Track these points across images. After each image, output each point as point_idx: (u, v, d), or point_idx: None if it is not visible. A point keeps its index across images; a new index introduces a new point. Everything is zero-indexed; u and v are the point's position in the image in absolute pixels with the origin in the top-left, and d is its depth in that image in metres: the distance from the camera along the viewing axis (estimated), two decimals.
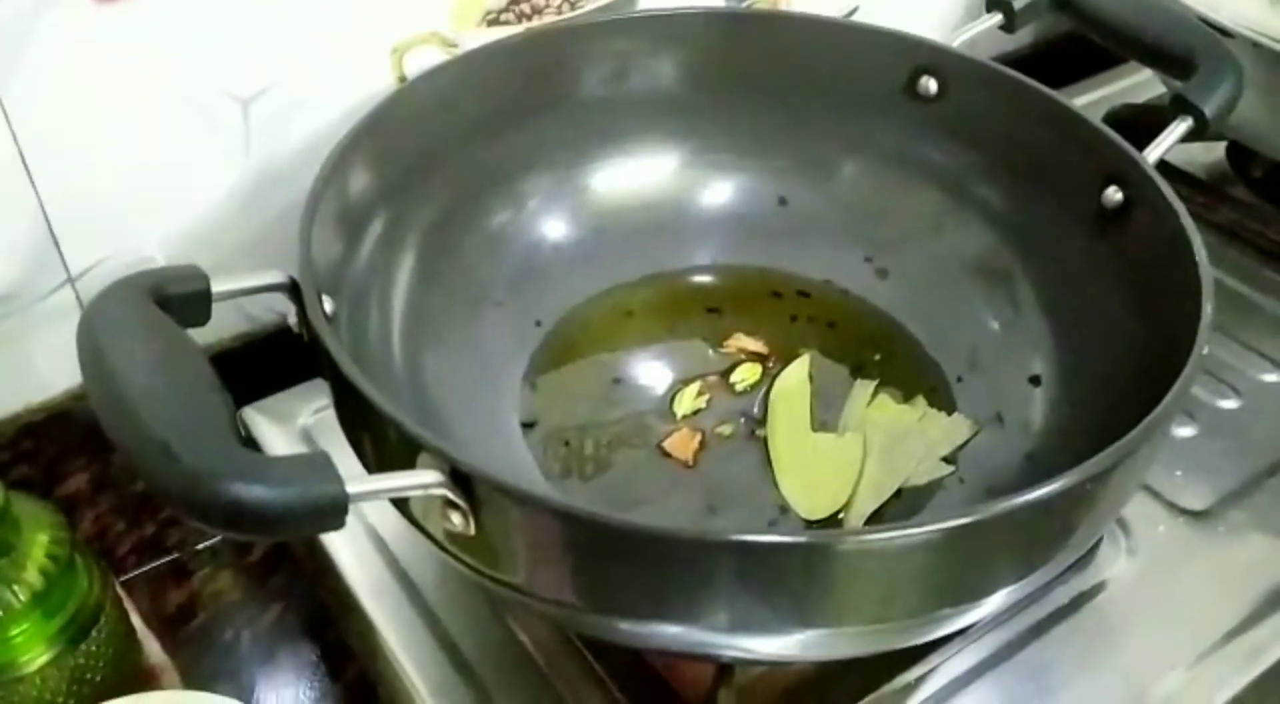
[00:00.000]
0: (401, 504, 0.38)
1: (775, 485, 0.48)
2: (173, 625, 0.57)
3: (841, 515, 0.47)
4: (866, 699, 0.44)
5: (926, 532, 0.33)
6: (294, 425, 0.55)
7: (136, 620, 0.52)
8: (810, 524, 0.47)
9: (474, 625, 0.47)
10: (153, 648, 0.52)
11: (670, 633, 0.36)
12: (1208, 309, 0.39)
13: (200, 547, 0.60)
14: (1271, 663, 0.46)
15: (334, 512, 0.31)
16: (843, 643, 0.37)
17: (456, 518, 0.34)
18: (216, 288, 0.38)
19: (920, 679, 0.45)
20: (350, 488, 0.31)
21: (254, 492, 0.30)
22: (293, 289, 0.40)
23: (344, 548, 0.51)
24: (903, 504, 0.47)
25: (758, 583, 0.33)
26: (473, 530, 0.34)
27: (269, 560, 0.60)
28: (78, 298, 0.53)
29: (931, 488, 0.48)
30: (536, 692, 0.45)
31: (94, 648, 0.46)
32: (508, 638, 0.47)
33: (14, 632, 0.44)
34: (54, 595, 0.45)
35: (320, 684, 0.53)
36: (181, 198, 0.53)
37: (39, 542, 0.45)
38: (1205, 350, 0.38)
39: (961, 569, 0.35)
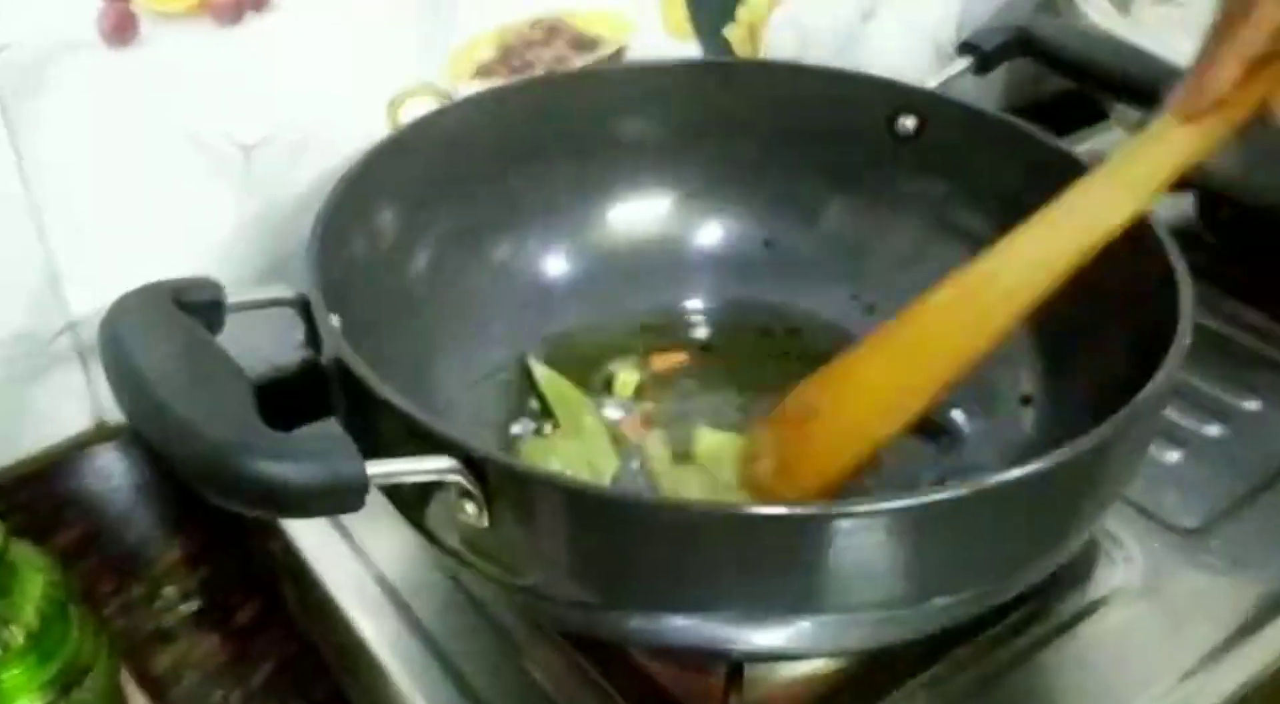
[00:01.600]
0: (414, 513, 0.39)
1: None
2: (161, 687, 0.56)
3: None
4: None
5: (915, 503, 0.34)
6: None
7: (127, 680, 0.51)
8: None
9: (487, 665, 0.47)
10: None
11: (682, 626, 0.37)
12: (1187, 300, 0.40)
13: (186, 607, 0.59)
14: (1265, 671, 0.47)
15: (354, 491, 0.32)
16: (842, 633, 0.38)
17: (470, 507, 0.34)
18: (231, 298, 0.39)
19: (923, 695, 0.45)
20: (370, 469, 0.32)
21: (280, 469, 0.31)
22: (302, 305, 0.41)
23: (352, 597, 0.50)
24: None
25: (767, 558, 0.34)
26: (486, 521, 0.35)
27: (257, 622, 0.59)
28: (77, 345, 0.54)
29: None
30: None
31: (86, 697, 0.45)
32: (519, 673, 0.46)
33: (6, 675, 0.43)
34: (48, 640, 0.44)
35: None
36: (185, 242, 0.54)
37: (36, 584, 0.44)
38: (1188, 341, 0.39)
39: (953, 551, 0.36)
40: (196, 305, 0.38)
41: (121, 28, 0.48)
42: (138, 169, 0.51)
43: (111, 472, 0.58)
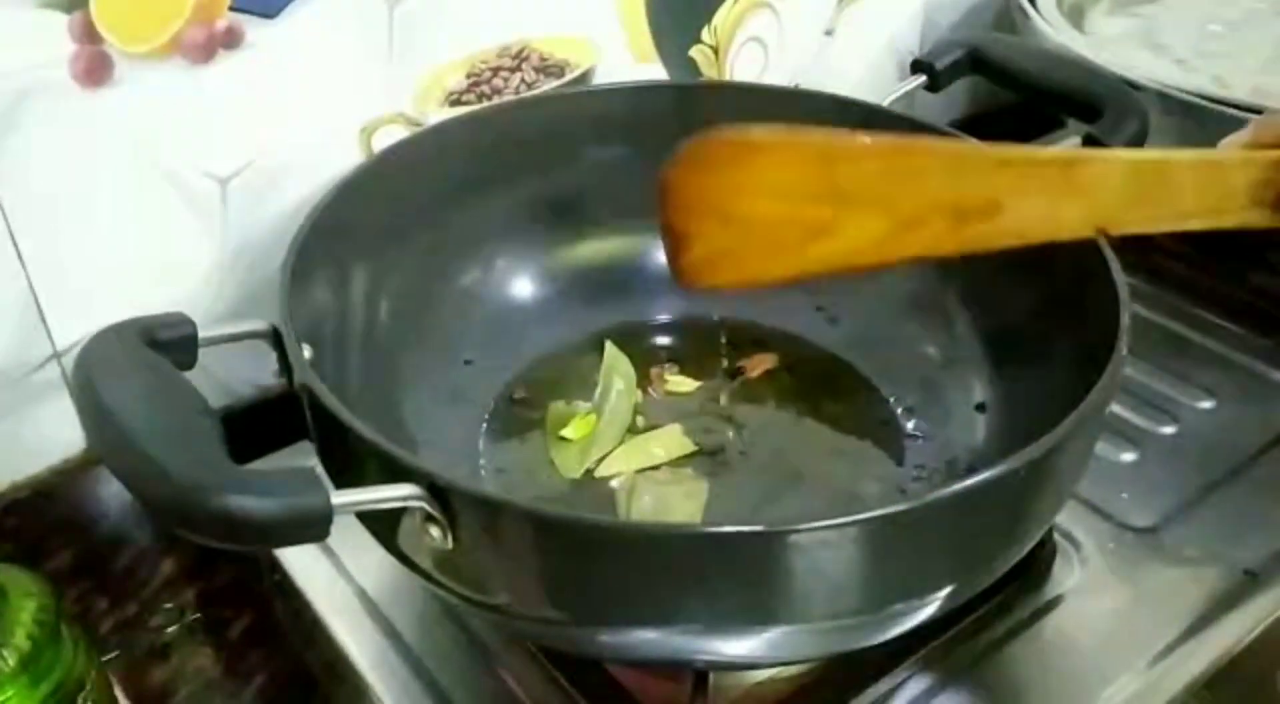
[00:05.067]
0: (386, 536, 0.40)
1: None
2: (156, 702, 0.57)
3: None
4: None
5: (871, 518, 0.35)
6: None
7: (121, 698, 0.52)
8: None
9: (464, 675, 0.48)
10: None
11: (648, 639, 0.38)
12: (1125, 317, 0.42)
13: (180, 624, 0.60)
14: (1217, 665, 0.48)
15: (319, 521, 0.33)
16: (805, 641, 0.39)
17: (435, 531, 0.36)
18: (203, 333, 0.41)
19: (888, 695, 0.47)
20: (334, 499, 0.33)
21: (244, 503, 0.32)
22: (274, 336, 0.43)
23: (334, 614, 0.52)
24: None
25: (729, 574, 0.35)
26: (450, 543, 0.36)
27: (249, 636, 0.60)
28: (63, 373, 0.55)
29: None
30: None
31: None
32: (494, 683, 0.48)
33: (0, 698, 0.44)
34: (41, 662, 0.45)
35: None
36: (163, 273, 0.55)
37: (26, 609, 0.46)
38: (1125, 351, 0.41)
39: (907, 560, 0.37)
40: (168, 342, 0.39)
41: (94, 69, 0.49)
42: (116, 204, 0.52)
43: (102, 494, 0.59)
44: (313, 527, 0.33)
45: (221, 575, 0.61)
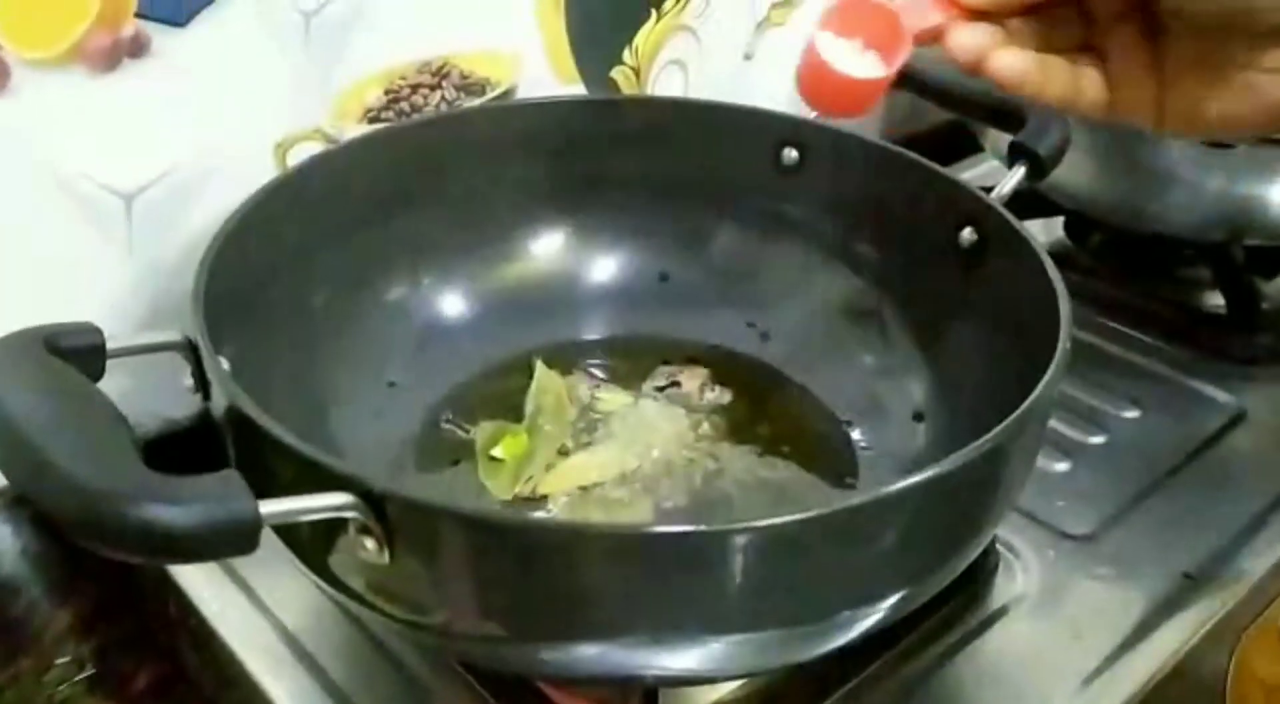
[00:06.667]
0: (314, 556, 0.38)
1: None
2: None
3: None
4: None
5: (817, 516, 0.34)
6: None
7: None
8: None
9: None
10: None
11: (593, 654, 0.36)
12: (1065, 309, 0.42)
13: (78, 679, 0.57)
14: (1162, 668, 0.48)
15: (246, 532, 0.31)
16: (752, 653, 0.38)
17: (370, 544, 0.34)
18: (112, 345, 0.38)
19: None
20: (263, 508, 0.31)
21: (163, 511, 0.29)
22: (189, 348, 0.40)
23: (253, 654, 0.49)
24: None
25: (670, 578, 0.34)
26: (387, 558, 0.34)
27: (154, 688, 0.57)
28: None
29: None
30: None
31: None
32: None
33: None
34: None
35: None
36: (65, 292, 0.52)
37: None
38: (1069, 345, 0.41)
39: (852, 564, 0.36)
40: (73, 351, 0.37)
41: None
42: (10, 220, 0.49)
43: None
44: (240, 538, 0.31)
45: (123, 625, 0.58)
